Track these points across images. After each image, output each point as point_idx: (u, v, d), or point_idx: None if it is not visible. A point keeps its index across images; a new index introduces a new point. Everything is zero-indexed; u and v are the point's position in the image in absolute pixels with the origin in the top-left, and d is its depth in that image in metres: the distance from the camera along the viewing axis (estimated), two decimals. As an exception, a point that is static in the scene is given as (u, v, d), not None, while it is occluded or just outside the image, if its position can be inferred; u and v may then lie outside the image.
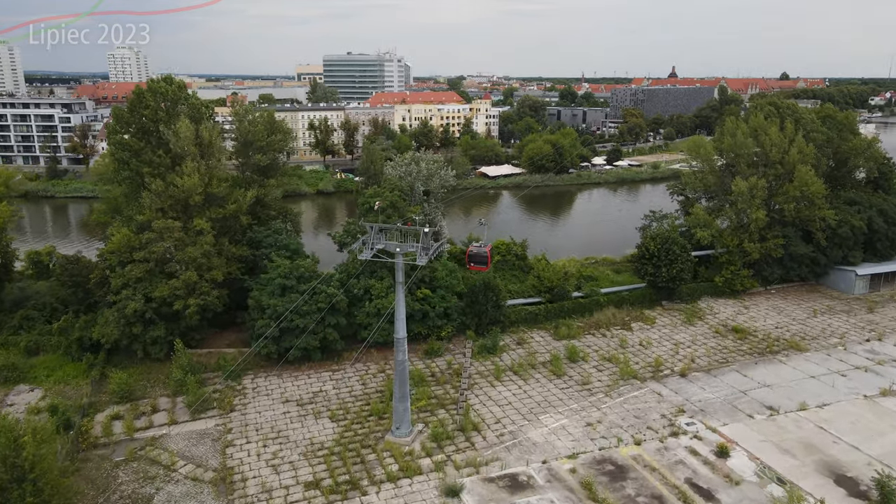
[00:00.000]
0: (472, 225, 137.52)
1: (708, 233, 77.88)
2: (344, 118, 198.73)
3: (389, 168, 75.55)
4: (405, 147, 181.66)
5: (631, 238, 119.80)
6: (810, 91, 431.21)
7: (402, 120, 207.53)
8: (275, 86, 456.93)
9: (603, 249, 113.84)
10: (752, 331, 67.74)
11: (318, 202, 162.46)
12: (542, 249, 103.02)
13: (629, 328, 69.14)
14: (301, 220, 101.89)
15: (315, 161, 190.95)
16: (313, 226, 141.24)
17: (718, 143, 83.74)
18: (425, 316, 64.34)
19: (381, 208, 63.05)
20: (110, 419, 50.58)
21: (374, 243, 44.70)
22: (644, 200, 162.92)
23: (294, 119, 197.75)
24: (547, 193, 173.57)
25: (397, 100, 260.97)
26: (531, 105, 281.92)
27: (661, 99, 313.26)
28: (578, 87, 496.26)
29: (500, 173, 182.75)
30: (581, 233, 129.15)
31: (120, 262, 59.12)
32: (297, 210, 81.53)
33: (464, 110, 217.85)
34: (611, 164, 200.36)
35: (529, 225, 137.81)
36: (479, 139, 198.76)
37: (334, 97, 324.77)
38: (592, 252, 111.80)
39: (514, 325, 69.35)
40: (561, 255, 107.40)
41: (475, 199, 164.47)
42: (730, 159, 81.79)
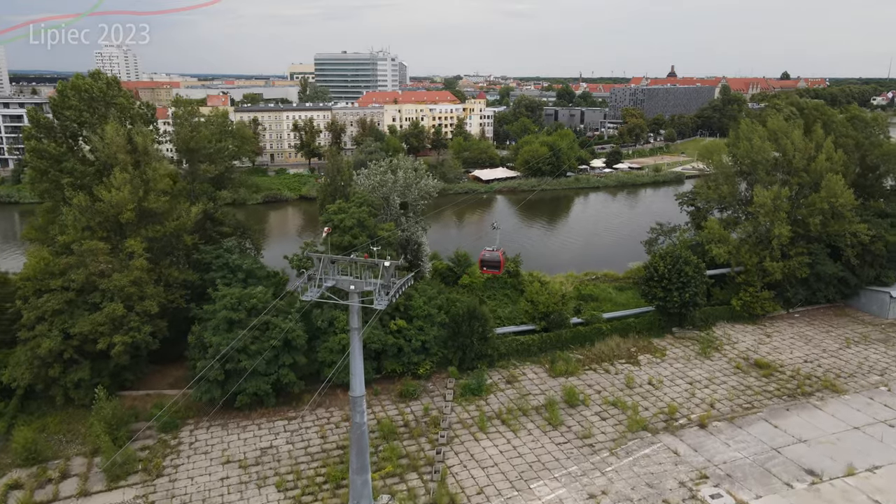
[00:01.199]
0: (464, 235, 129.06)
1: (724, 249, 68.86)
2: (331, 119, 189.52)
3: (362, 178, 66.08)
4: (394, 149, 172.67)
5: (634, 249, 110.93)
6: (812, 91, 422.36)
7: (392, 120, 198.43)
8: (266, 85, 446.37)
9: (604, 262, 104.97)
10: (778, 365, 58.76)
11: (301, 208, 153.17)
12: (537, 267, 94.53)
13: (636, 362, 60.13)
14: (266, 233, 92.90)
15: (301, 164, 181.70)
16: (295, 234, 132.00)
17: (733, 147, 74.70)
18: (400, 351, 55.36)
19: (334, 233, 53.87)
20: (7, 489, 41.41)
21: (323, 279, 35.61)
22: (646, 206, 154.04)
23: (278, 120, 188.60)
24: (543, 198, 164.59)
25: (389, 99, 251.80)
26: (527, 105, 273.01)
27: (662, 99, 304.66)
28: (576, 87, 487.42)
29: (494, 177, 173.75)
30: (580, 243, 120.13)
31: (36, 290, 49.95)
32: (267, 220, 72.06)
33: (457, 110, 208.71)
34: (610, 167, 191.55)
35: (524, 234, 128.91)
36: (472, 141, 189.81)
37: (326, 97, 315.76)
38: (592, 265, 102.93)
39: (503, 359, 60.35)
40: (558, 269, 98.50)
41: (468, 205, 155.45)
42: (746, 166, 72.77)
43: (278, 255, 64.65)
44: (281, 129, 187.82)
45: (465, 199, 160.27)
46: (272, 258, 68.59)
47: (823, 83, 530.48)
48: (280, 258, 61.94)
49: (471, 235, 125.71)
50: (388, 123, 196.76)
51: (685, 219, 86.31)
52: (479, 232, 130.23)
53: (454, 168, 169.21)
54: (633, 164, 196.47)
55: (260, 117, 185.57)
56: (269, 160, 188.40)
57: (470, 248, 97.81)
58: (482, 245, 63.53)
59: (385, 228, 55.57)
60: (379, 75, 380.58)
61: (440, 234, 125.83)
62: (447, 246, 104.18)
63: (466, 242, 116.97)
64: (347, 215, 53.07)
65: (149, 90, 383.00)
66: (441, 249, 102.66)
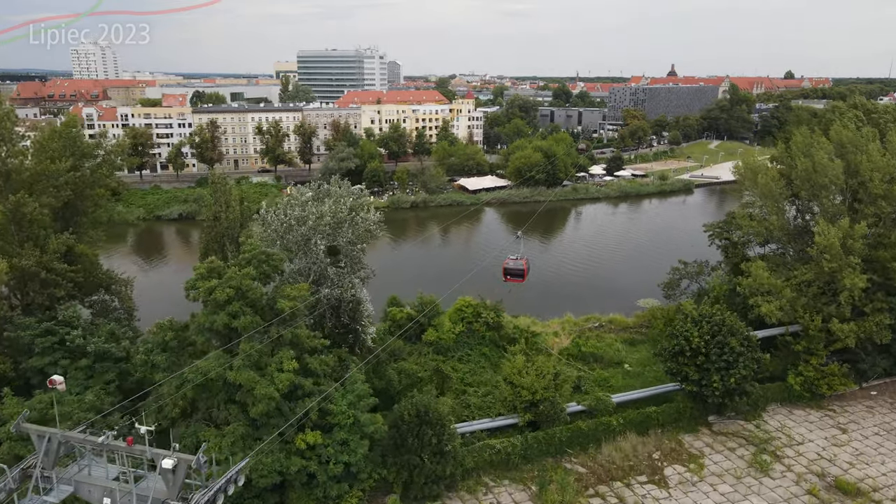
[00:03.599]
0: (444, 258, 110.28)
1: (776, 305, 50.44)
2: (300, 121, 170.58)
3: (270, 214, 46.66)
4: (370, 155, 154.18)
5: (643, 279, 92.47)
6: (819, 91, 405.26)
7: (370, 122, 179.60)
8: (249, 84, 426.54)
9: (608, 297, 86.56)
10: (870, 490, 40.30)
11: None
12: (526, 303, 76.15)
13: (662, 481, 41.60)
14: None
15: (267, 171, 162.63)
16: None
17: (786, 166, 56.10)
18: (312, 479, 36.80)
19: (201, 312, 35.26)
20: None
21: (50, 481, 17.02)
22: (652, 219, 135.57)
23: (242, 122, 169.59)
24: (537, 210, 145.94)
25: (372, 99, 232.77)
26: (521, 105, 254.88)
27: (664, 98, 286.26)
28: (573, 86, 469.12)
29: (481, 186, 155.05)
30: (578, 270, 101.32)
31: None
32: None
33: (443, 111, 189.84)
34: (611, 175, 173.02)
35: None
36: (458, 145, 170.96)
37: (308, 96, 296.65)
38: (594, 301, 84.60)
39: (470, 477, 41.81)
40: (551, 310, 79.83)
41: (451, 216, 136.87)
42: (805, 191, 54.25)
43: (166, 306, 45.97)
44: (246, 133, 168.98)
45: (448, 213, 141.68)
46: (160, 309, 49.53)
47: (828, 83, 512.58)
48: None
49: (452, 260, 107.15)
50: (365, 126, 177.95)
51: (706, 248, 67.89)
52: (462, 255, 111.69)
53: (436, 177, 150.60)
54: (637, 171, 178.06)
55: (221, 119, 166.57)
56: (233, 167, 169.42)
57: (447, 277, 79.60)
58: (462, 273, 57.05)
59: (289, 295, 36.82)
60: (366, 74, 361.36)
61: (411, 260, 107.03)
62: (413, 281, 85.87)
63: (444, 270, 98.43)
64: (220, 284, 34.24)
65: (123, 89, 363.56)
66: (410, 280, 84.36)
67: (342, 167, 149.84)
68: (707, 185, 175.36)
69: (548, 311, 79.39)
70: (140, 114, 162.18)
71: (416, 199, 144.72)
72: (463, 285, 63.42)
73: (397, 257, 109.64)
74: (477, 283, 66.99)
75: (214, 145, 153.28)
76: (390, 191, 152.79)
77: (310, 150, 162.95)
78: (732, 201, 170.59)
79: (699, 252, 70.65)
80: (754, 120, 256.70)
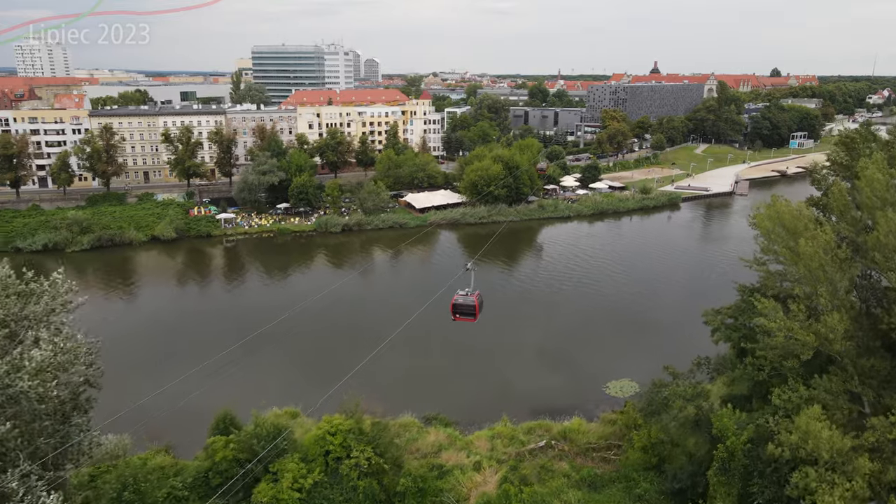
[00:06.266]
0: (355, 318, 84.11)
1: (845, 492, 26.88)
2: (222, 124, 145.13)
3: None
4: (299, 168, 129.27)
5: (612, 344, 69.49)
6: (808, 89, 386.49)
7: (308, 127, 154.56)
8: (205, 82, 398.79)
9: (567, 380, 62.77)
10: None
11: (143, 259, 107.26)
12: (446, 399, 52.77)
13: None
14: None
15: (180, 186, 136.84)
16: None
17: (850, 224, 32.43)
18: None
19: None
20: None
21: None
22: (633, 251, 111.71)
23: (154, 128, 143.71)
24: (497, 231, 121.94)
25: (323, 99, 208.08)
26: (490, 105, 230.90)
27: (646, 98, 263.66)
28: (552, 85, 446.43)
29: (430, 203, 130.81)
30: (524, 333, 76.44)
31: None
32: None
33: (394, 114, 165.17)
34: (586, 187, 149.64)
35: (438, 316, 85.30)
36: (407, 154, 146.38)
37: (262, 96, 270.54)
38: (543, 385, 60.85)
39: None
40: (481, 406, 56.23)
41: (391, 241, 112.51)
42: (882, 265, 30.57)
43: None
44: (158, 140, 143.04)
45: (388, 238, 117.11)
46: None
47: (815, 80, 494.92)
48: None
49: (376, 307, 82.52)
50: (303, 131, 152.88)
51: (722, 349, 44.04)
52: (391, 299, 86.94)
53: (376, 192, 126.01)
54: (615, 183, 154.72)
55: (128, 124, 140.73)
56: (143, 180, 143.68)
57: (362, 340, 55.15)
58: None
59: None
60: (328, 71, 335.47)
61: (313, 313, 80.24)
62: (315, 344, 62.00)
63: (361, 327, 72.19)
64: None
65: (60, 87, 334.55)
66: (304, 352, 60.36)
67: (263, 182, 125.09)
68: (695, 199, 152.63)
69: (476, 405, 55.65)
70: (24, 117, 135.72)
71: (348, 222, 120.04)
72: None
73: (290, 311, 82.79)
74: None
75: (110, 155, 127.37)
76: (322, 210, 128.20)
77: (229, 161, 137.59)
78: (724, 217, 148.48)
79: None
80: (744, 121, 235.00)
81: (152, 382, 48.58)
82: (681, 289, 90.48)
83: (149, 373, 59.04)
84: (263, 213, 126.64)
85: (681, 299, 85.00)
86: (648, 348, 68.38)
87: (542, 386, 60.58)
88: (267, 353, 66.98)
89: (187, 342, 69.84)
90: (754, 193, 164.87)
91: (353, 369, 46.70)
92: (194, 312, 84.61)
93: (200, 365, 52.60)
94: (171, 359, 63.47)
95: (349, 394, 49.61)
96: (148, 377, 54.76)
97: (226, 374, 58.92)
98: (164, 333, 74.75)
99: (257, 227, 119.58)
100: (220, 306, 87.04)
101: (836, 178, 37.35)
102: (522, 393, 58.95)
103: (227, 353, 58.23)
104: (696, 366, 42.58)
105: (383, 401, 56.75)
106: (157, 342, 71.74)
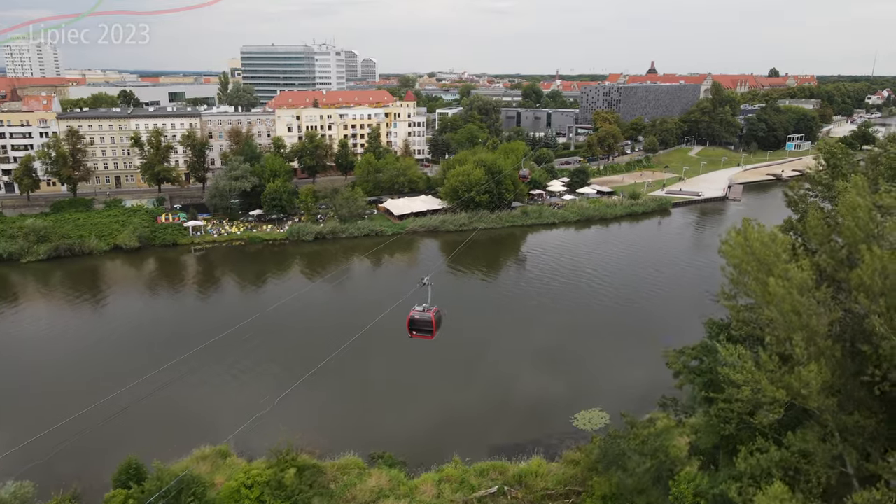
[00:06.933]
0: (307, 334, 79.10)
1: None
2: (195, 128, 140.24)
3: None
4: (273, 173, 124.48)
5: (586, 372, 64.72)
6: (807, 90, 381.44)
7: (287, 130, 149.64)
8: (195, 82, 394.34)
9: (528, 416, 57.69)
10: None
11: (100, 270, 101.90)
12: (400, 431, 47.94)
13: None
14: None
15: (151, 191, 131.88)
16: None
17: (831, 256, 27.51)
18: None
19: None
20: None
21: None
22: (617, 261, 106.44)
23: (125, 130, 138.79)
24: (478, 242, 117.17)
25: (309, 100, 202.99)
26: (481, 107, 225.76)
27: (641, 99, 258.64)
28: (547, 85, 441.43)
29: (410, 210, 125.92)
30: (489, 360, 71.20)
31: None
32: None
33: (377, 116, 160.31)
34: (574, 192, 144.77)
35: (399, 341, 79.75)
36: (387, 158, 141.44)
37: (251, 97, 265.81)
38: (504, 428, 55.82)
39: None
40: (431, 448, 51.22)
41: (367, 249, 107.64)
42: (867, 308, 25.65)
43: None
44: (129, 144, 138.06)
45: (364, 246, 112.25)
46: None
47: (813, 80, 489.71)
48: None
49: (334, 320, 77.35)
50: (281, 133, 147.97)
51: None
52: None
53: (353, 198, 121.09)
54: (603, 188, 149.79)
55: (98, 126, 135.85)
56: (115, 185, 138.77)
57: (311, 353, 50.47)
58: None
59: None
60: (319, 72, 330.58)
61: (265, 328, 74.37)
62: (268, 354, 57.36)
63: (313, 344, 65.52)
64: None
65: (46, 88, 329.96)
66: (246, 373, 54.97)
67: (235, 187, 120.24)
68: (687, 204, 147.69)
69: (431, 448, 50.86)
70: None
71: (322, 230, 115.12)
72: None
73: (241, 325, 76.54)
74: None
75: (77, 160, 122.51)
76: (297, 217, 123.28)
77: (203, 165, 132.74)
78: (716, 224, 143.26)
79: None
80: (740, 123, 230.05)
81: (66, 412, 43.65)
82: (665, 303, 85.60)
83: (65, 401, 53.62)
84: (236, 220, 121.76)
85: (665, 314, 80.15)
86: (626, 371, 63.60)
87: (504, 416, 55.78)
88: (209, 373, 62.17)
89: (123, 362, 64.76)
90: (748, 198, 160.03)
91: (291, 394, 42.13)
92: (138, 328, 78.47)
93: (121, 389, 47.88)
94: (96, 384, 58.28)
95: (284, 431, 44.98)
96: (62, 407, 49.50)
97: (157, 400, 54.08)
98: (101, 353, 69.82)
99: (227, 235, 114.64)
100: (169, 322, 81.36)
101: (816, 198, 32.47)
102: (482, 424, 54.10)
103: (164, 371, 53.62)
104: (662, 407, 37.73)
105: (328, 434, 52.11)
106: (89, 364, 66.84)
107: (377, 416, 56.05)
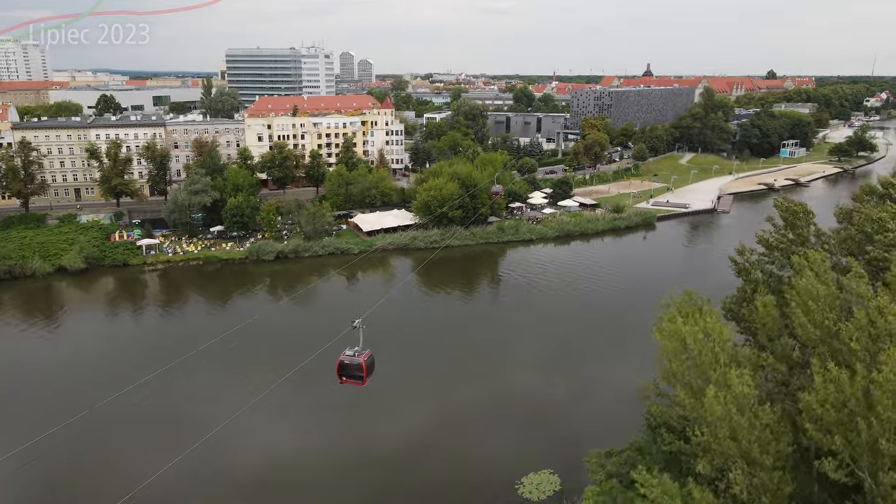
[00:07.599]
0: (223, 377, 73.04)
1: None
2: (161, 137, 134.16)
3: None
4: (236, 187, 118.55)
5: (538, 430, 58.64)
6: (804, 93, 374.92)
7: (258, 140, 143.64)
8: (182, 85, 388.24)
9: (464, 482, 51.41)
10: None
11: (36, 295, 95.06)
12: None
13: None
14: None
15: (110, 205, 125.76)
16: None
17: (774, 352, 21.64)
18: None
19: None
20: None
21: None
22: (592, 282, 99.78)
23: (84, 140, 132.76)
24: (451, 258, 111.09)
25: (288, 106, 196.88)
26: (467, 112, 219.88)
27: (633, 103, 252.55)
28: (541, 88, 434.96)
29: (380, 226, 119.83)
30: (428, 405, 65.13)
31: None
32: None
33: (353, 124, 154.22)
34: (555, 205, 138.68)
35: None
36: (359, 170, 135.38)
37: (235, 101, 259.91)
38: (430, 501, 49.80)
39: None
40: None
41: (332, 268, 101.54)
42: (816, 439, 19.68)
43: None
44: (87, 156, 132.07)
45: (329, 266, 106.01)
46: None
47: (811, 82, 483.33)
48: None
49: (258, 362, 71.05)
50: (252, 143, 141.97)
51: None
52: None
53: (319, 214, 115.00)
54: (587, 199, 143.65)
55: (55, 136, 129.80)
56: (75, 197, 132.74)
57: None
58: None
59: None
60: (307, 75, 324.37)
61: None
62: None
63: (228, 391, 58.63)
64: None
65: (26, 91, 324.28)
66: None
67: (195, 202, 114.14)
68: (673, 217, 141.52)
69: None
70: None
71: (283, 248, 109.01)
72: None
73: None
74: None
75: (28, 173, 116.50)
76: (261, 233, 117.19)
77: (164, 178, 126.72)
78: (703, 239, 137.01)
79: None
80: (733, 129, 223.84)
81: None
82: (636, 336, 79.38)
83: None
84: (196, 236, 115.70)
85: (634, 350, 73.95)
86: (583, 423, 57.49)
87: (433, 483, 49.56)
88: (121, 423, 56.06)
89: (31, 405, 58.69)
90: (738, 209, 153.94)
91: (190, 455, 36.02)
92: (53, 366, 71.92)
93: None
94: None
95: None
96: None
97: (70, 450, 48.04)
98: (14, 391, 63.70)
99: (183, 254, 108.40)
100: (91, 355, 74.78)
101: (771, 266, 26.38)
102: (406, 497, 47.91)
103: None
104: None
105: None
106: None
107: (282, 488, 49.86)
